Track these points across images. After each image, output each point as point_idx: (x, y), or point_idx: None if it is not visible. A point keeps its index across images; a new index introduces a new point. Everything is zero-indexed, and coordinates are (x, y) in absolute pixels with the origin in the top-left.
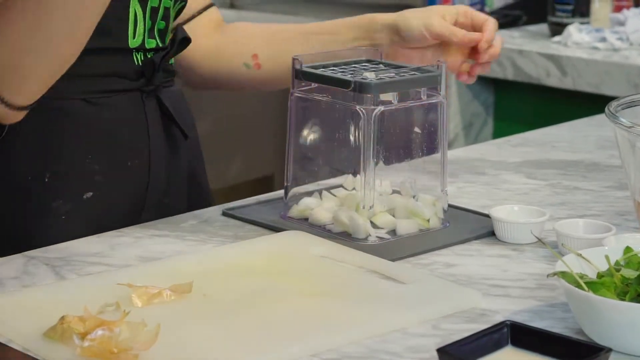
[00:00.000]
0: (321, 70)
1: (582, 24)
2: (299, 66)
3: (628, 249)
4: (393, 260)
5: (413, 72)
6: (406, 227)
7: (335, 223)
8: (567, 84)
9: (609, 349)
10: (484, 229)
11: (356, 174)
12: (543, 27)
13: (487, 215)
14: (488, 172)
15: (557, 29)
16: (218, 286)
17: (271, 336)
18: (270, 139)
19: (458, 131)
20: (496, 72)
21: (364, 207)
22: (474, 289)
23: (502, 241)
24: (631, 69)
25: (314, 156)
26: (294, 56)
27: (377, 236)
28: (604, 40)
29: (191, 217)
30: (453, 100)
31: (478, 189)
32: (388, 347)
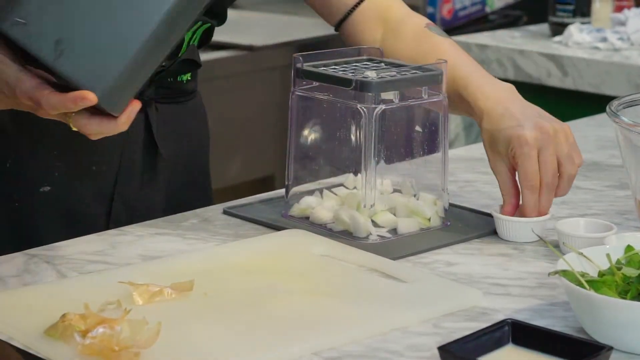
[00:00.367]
0: (322, 69)
1: (583, 24)
2: (299, 65)
3: (629, 248)
4: (394, 259)
5: (414, 71)
6: (407, 226)
7: (336, 222)
8: (568, 84)
9: (610, 348)
10: (484, 228)
11: (357, 172)
12: (544, 27)
13: (488, 215)
14: (489, 171)
15: (558, 29)
16: (219, 285)
17: (272, 334)
18: (270, 138)
19: (459, 131)
20: (497, 72)
21: (365, 205)
22: (474, 287)
23: (503, 240)
24: (632, 69)
25: (315, 155)
26: (294, 55)
27: (378, 235)
28: (604, 40)
29: (192, 215)
30: None
31: (479, 188)
32: (389, 346)
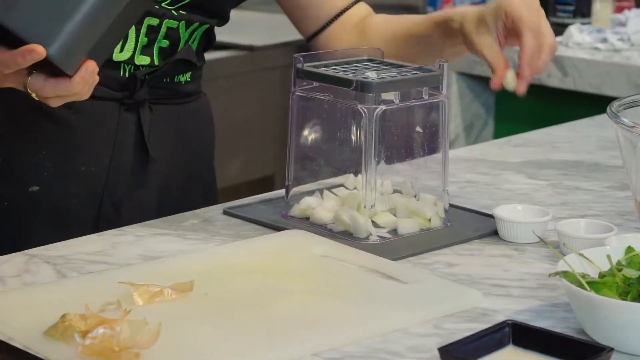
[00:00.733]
0: (323, 69)
1: (583, 24)
2: (300, 65)
3: (630, 249)
4: (394, 259)
5: (414, 72)
6: (407, 226)
7: (337, 222)
8: (568, 84)
9: (610, 349)
10: (485, 228)
11: (357, 173)
12: None
13: (489, 215)
14: (489, 172)
15: (558, 29)
16: (219, 285)
17: (272, 335)
18: (270, 138)
19: (459, 132)
20: None
21: (365, 206)
22: (475, 288)
23: (504, 240)
24: (632, 69)
25: (315, 155)
26: (294, 55)
27: (378, 235)
28: (605, 40)
29: (192, 216)
30: (454, 101)
31: (479, 188)
32: (389, 347)
